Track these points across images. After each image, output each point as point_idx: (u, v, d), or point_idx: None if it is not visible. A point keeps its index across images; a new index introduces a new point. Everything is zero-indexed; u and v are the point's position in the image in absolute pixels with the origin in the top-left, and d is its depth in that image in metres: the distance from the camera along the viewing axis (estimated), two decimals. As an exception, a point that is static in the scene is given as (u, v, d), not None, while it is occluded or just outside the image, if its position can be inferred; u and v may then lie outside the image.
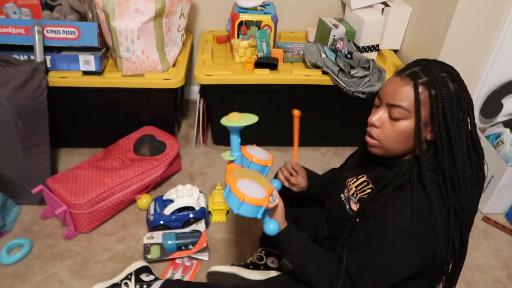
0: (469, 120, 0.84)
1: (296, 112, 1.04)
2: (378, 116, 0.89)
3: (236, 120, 0.90)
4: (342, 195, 1.00)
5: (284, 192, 1.06)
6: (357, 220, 0.89)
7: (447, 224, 0.82)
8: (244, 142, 0.98)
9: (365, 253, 0.85)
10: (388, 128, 0.88)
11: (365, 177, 0.97)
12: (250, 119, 0.91)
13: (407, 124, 0.86)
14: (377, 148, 0.91)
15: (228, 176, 0.84)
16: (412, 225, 0.79)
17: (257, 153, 0.99)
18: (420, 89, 0.82)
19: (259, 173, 0.93)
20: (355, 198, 0.96)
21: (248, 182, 0.82)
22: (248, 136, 1.85)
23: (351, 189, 0.99)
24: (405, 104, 0.84)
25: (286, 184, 1.09)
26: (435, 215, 0.80)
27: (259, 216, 0.80)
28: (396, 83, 0.86)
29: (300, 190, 1.10)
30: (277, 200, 0.88)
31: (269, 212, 0.87)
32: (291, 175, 1.08)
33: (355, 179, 0.99)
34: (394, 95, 0.86)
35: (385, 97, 0.87)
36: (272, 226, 0.83)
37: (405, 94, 0.84)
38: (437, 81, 0.82)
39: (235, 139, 0.94)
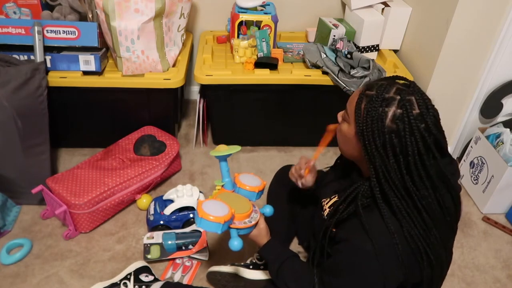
0: (425, 152, 0.77)
1: (332, 127, 1.03)
2: (340, 113, 0.92)
3: (223, 150, 1.04)
4: (322, 213, 1.02)
5: (296, 195, 1.14)
6: (325, 241, 0.91)
7: (406, 242, 0.81)
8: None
9: (338, 276, 0.86)
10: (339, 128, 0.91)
11: (337, 197, 0.98)
12: (234, 149, 1.05)
13: (346, 127, 0.87)
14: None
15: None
16: (375, 246, 0.79)
17: (248, 180, 1.07)
18: (363, 98, 0.82)
19: (241, 197, 1.04)
20: None
21: (216, 202, 0.93)
22: (249, 136, 1.85)
23: (325, 209, 1.00)
24: (348, 108, 0.86)
25: (295, 180, 1.11)
26: (394, 238, 0.80)
27: (219, 231, 0.89)
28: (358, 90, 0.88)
29: (306, 188, 1.12)
30: (254, 221, 0.97)
31: (250, 230, 0.97)
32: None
33: (328, 199, 1.01)
34: (349, 99, 0.88)
35: None
36: (236, 243, 0.92)
37: (353, 99, 0.85)
38: (378, 98, 0.78)
39: (224, 167, 1.05)
